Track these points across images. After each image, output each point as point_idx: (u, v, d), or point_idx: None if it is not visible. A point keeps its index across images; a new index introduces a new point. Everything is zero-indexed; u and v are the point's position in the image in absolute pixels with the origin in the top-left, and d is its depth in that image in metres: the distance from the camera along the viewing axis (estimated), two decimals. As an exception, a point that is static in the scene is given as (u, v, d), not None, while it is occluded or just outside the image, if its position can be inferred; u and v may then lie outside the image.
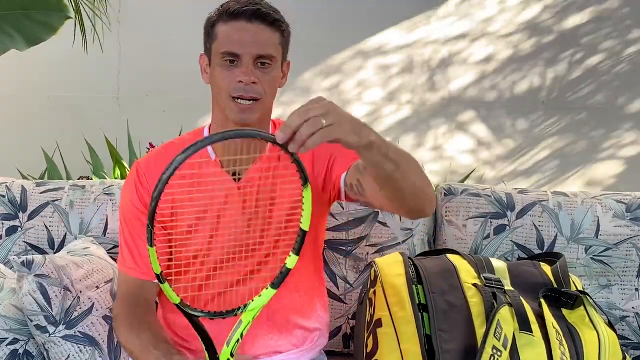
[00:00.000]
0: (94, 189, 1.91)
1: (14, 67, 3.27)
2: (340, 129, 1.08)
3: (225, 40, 1.42)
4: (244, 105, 1.41)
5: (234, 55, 1.41)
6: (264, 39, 1.42)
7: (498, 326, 1.33)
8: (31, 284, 1.53)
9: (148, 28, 3.52)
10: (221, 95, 1.44)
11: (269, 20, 1.43)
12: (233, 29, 1.42)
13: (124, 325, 1.46)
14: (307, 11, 3.46)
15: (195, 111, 3.00)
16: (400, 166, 1.21)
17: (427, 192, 1.31)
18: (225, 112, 1.45)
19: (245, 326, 1.21)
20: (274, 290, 1.21)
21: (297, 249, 1.19)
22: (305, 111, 1.07)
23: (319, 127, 1.05)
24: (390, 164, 1.20)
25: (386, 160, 1.19)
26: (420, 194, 1.29)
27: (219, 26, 1.44)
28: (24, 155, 3.31)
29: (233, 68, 1.42)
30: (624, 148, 3.63)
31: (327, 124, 1.06)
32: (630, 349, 1.83)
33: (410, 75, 3.61)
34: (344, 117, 1.09)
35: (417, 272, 1.51)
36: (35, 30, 1.57)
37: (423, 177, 1.30)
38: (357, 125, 1.12)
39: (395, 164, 1.20)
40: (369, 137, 1.13)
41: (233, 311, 1.21)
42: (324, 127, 1.06)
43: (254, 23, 1.41)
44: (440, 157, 3.66)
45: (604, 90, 3.60)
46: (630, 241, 1.85)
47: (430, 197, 1.33)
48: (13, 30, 1.56)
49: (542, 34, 3.57)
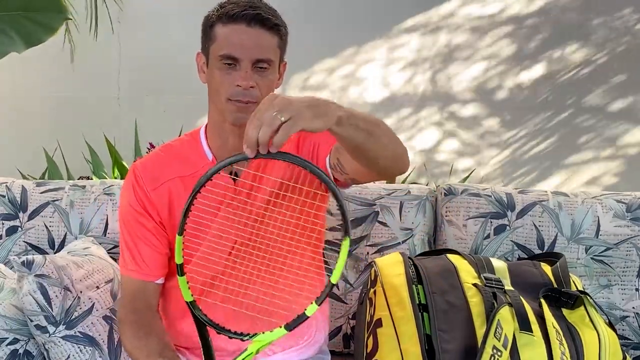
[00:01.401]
0: (94, 189, 1.91)
1: (14, 67, 3.27)
2: (301, 119, 1.08)
3: (224, 42, 1.42)
4: (240, 104, 1.41)
5: (233, 59, 1.41)
6: (263, 44, 1.42)
7: (498, 326, 1.33)
8: (31, 284, 1.53)
9: (148, 28, 3.52)
10: (219, 97, 1.44)
11: (269, 24, 1.42)
12: (232, 32, 1.41)
13: (129, 331, 1.44)
14: (308, 10, 3.47)
15: (195, 111, 3.00)
16: (373, 134, 1.22)
17: (400, 151, 1.32)
18: (222, 113, 1.45)
19: (247, 355, 1.21)
20: (285, 332, 1.21)
21: (321, 300, 1.19)
22: (259, 115, 1.07)
23: (278, 124, 1.06)
24: (361, 133, 1.20)
25: (358, 132, 1.19)
26: (394, 155, 1.31)
27: (218, 27, 1.43)
28: (24, 155, 3.31)
29: (231, 71, 1.41)
30: (624, 148, 3.63)
31: (285, 118, 1.06)
32: (630, 349, 1.83)
33: (410, 74, 3.61)
34: (301, 105, 1.09)
35: (417, 272, 1.51)
36: (34, 30, 1.57)
37: (393, 138, 1.30)
38: (319, 108, 1.11)
39: (367, 133, 1.21)
40: (336, 114, 1.13)
41: (241, 335, 1.21)
42: (284, 122, 1.06)
43: (254, 27, 1.41)
44: (440, 157, 3.66)
45: (604, 89, 3.59)
46: (630, 241, 1.85)
47: (403, 154, 1.34)
48: (12, 31, 1.56)
49: (542, 33, 3.57)
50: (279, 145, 1.07)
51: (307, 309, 1.19)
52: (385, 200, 1.91)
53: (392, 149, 1.29)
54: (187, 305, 1.21)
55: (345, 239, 1.15)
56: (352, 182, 1.46)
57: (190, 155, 1.53)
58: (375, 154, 1.26)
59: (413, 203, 1.90)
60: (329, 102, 1.14)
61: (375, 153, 1.26)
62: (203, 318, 1.20)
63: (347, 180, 1.45)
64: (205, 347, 1.22)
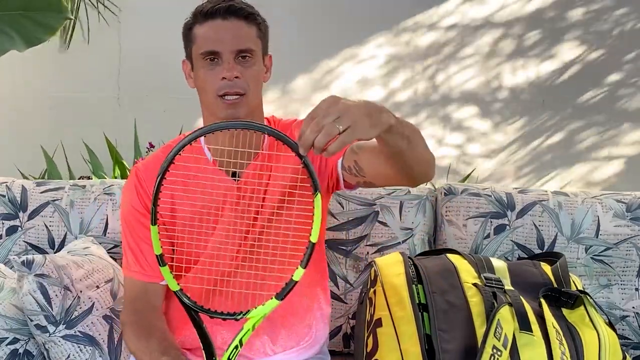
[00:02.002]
0: (94, 189, 1.91)
1: (14, 67, 3.27)
2: (359, 129, 1.08)
3: (203, 40, 1.43)
4: (230, 100, 1.42)
5: (214, 54, 1.42)
6: (241, 34, 1.43)
7: (498, 326, 1.33)
8: (31, 284, 1.53)
9: (148, 28, 3.52)
10: (208, 95, 1.44)
11: (243, 14, 1.44)
12: (209, 29, 1.43)
13: (133, 332, 1.44)
14: (308, 10, 3.47)
15: (195, 111, 2.98)
16: (413, 141, 1.24)
17: (430, 158, 1.35)
18: (214, 112, 1.45)
19: (245, 333, 1.21)
20: (278, 302, 1.21)
21: (305, 262, 1.18)
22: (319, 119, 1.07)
23: (336, 134, 1.06)
24: (405, 141, 1.22)
25: (402, 139, 1.21)
26: (427, 162, 1.33)
27: (196, 28, 1.45)
28: (24, 155, 3.31)
29: (215, 66, 1.42)
30: (624, 147, 3.63)
31: (343, 128, 1.06)
32: (630, 348, 1.83)
33: (409, 73, 3.61)
34: (360, 113, 1.09)
35: (417, 271, 1.51)
36: (34, 30, 1.57)
37: (426, 146, 1.32)
38: (375, 116, 1.12)
39: (409, 140, 1.22)
40: (389, 122, 1.14)
41: (234, 315, 1.21)
42: (342, 132, 1.06)
43: (229, 19, 1.42)
44: (439, 157, 3.66)
45: (604, 89, 3.59)
46: (630, 241, 1.85)
47: (433, 162, 1.36)
48: (12, 31, 1.56)
49: (542, 32, 3.57)
50: (332, 155, 1.08)
51: (293, 275, 1.20)
52: (385, 200, 1.91)
53: (427, 157, 1.32)
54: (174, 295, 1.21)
55: (315, 197, 1.14)
56: (365, 185, 1.47)
57: (191, 156, 1.53)
58: (412, 162, 1.29)
59: (413, 203, 1.90)
60: (382, 109, 1.15)
61: (413, 160, 1.28)
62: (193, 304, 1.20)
63: (359, 182, 1.46)
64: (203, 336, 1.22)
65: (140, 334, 1.42)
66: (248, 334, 1.21)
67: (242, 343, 1.21)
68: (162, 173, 1.14)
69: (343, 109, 1.07)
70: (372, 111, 1.11)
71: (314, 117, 1.08)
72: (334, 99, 1.10)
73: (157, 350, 1.37)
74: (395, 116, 1.17)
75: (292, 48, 3.30)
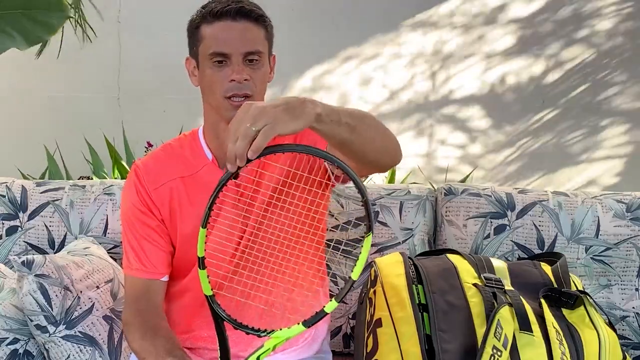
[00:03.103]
0: (94, 189, 1.92)
1: (14, 67, 3.27)
2: (277, 125, 1.08)
3: (212, 41, 1.42)
4: (237, 102, 1.41)
5: (223, 55, 1.41)
6: (250, 36, 1.42)
7: (498, 326, 1.33)
8: (31, 284, 1.53)
9: (148, 28, 3.52)
10: (214, 96, 1.44)
11: (253, 16, 1.43)
12: (218, 29, 1.42)
13: (137, 332, 1.43)
14: (308, 8, 3.47)
15: (195, 111, 2.99)
16: (356, 128, 1.21)
17: (388, 143, 1.32)
18: (219, 112, 1.45)
19: (265, 351, 1.19)
20: (304, 328, 1.19)
21: (340, 297, 1.18)
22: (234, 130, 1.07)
23: (253, 135, 1.06)
24: (344, 128, 1.19)
25: (340, 127, 1.19)
26: (383, 147, 1.30)
27: (204, 28, 1.44)
28: (24, 155, 3.31)
29: (223, 68, 1.42)
30: (624, 147, 3.63)
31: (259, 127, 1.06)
32: (630, 348, 1.83)
33: (410, 73, 3.61)
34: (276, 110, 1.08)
35: (417, 271, 1.51)
36: (35, 29, 1.57)
37: (382, 130, 1.30)
38: (295, 110, 1.11)
39: (350, 127, 1.20)
40: (314, 112, 1.13)
41: (258, 331, 1.20)
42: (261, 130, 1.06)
43: (239, 21, 1.42)
44: (439, 157, 3.66)
45: (604, 88, 3.59)
46: (630, 241, 1.85)
47: (393, 146, 1.33)
48: (13, 30, 1.56)
49: (542, 32, 3.57)
50: (258, 150, 1.07)
51: (326, 306, 1.19)
52: (385, 200, 1.91)
53: (380, 141, 1.29)
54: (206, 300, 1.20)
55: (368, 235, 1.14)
56: None
57: (190, 155, 1.53)
58: (362, 148, 1.26)
59: (413, 203, 1.90)
60: (304, 100, 1.13)
61: (362, 147, 1.26)
62: (222, 313, 1.19)
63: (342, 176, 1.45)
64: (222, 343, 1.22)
65: (145, 334, 1.42)
66: (267, 353, 1.19)
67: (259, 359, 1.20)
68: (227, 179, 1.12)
69: (256, 112, 1.07)
70: (290, 105, 1.10)
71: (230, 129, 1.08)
72: (246, 106, 1.10)
73: (162, 350, 1.36)
74: (324, 106, 1.15)
75: (292, 47, 3.31)
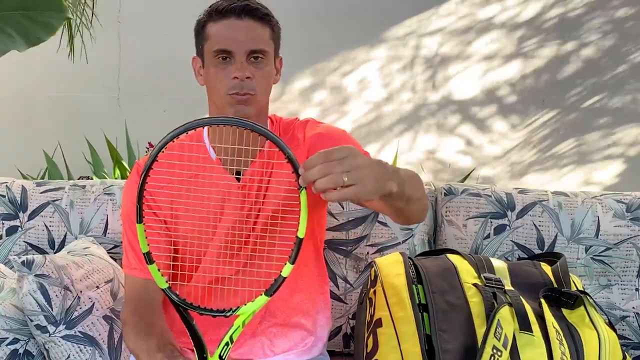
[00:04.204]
0: (94, 189, 1.91)
1: (14, 67, 3.28)
2: (362, 190, 1.08)
3: (216, 38, 1.43)
4: (239, 97, 1.41)
5: (227, 52, 1.42)
6: (255, 34, 1.43)
7: (498, 326, 1.33)
8: (31, 284, 1.53)
9: (148, 28, 3.52)
10: (217, 93, 1.44)
11: (259, 15, 1.43)
12: (223, 27, 1.42)
13: (132, 331, 1.44)
14: (309, 9, 3.47)
15: (195, 111, 3.00)
16: (411, 198, 1.25)
17: (425, 205, 1.39)
18: (222, 109, 1.45)
19: (235, 330, 1.20)
20: (267, 298, 1.20)
21: (293, 258, 1.17)
22: (330, 164, 1.07)
23: (340, 184, 1.06)
24: (403, 200, 1.24)
25: (401, 200, 1.23)
26: (423, 210, 1.37)
27: (209, 26, 1.45)
28: (24, 155, 3.31)
29: (227, 65, 1.42)
30: (624, 147, 3.63)
31: (348, 182, 1.06)
32: (630, 348, 1.83)
33: (409, 74, 3.61)
34: (369, 175, 1.09)
35: (417, 271, 1.51)
36: (34, 30, 1.56)
37: (423, 193, 1.35)
38: (381, 181, 1.12)
39: (407, 200, 1.24)
40: (390, 189, 1.15)
41: (223, 311, 1.20)
42: (345, 185, 1.06)
43: (244, 19, 1.42)
44: (439, 156, 3.66)
45: (604, 88, 3.59)
46: (630, 241, 1.85)
47: (426, 206, 1.40)
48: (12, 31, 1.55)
49: (542, 32, 3.57)
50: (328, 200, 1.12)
51: (282, 271, 1.18)
52: (385, 200, 1.90)
53: (423, 206, 1.36)
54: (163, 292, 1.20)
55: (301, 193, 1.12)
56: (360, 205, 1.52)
57: (194, 155, 1.53)
58: (409, 214, 1.33)
59: (413, 203, 1.90)
60: (391, 176, 1.15)
61: (410, 213, 1.32)
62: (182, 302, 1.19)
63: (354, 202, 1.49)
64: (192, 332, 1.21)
65: (140, 332, 1.42)
66: (238, 331, 1.20)
67: (232, 340, 1.20)
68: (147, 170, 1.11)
69: (356, 164, 1.08)
70: (380, 175, 1.12)
71: (327, 159, 1.08)
72: (352, 151, 1.09)
73: (154, 346, 1.37)
74: (399, 180, 1.17)
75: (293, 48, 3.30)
